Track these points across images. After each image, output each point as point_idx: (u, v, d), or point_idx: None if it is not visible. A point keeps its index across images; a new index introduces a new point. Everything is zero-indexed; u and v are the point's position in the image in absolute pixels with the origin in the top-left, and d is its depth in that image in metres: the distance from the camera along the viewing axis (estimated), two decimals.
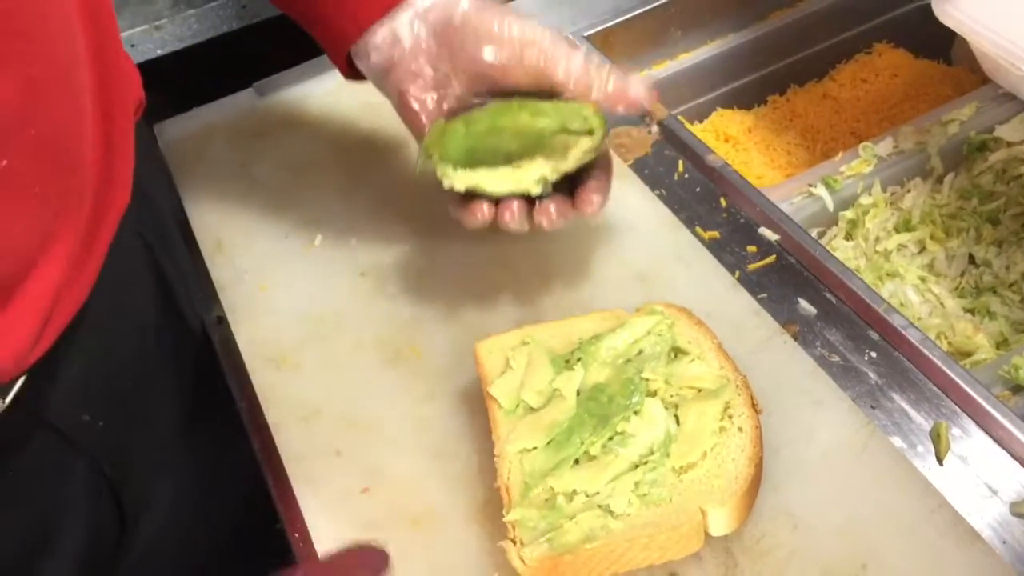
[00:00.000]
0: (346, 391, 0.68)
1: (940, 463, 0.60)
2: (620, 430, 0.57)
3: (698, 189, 0.80)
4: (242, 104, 0.93)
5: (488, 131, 0.63)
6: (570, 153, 0.62)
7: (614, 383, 0.59)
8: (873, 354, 0.66)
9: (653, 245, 0.75)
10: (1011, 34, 0.80)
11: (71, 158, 0.55)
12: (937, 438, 0.61)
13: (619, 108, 0.63)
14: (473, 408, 0.65)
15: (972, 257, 0.89)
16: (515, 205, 0.63)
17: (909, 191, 0.91)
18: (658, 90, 1.00)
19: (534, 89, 0.64)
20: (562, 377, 0.60)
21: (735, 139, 1.05)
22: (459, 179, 0.62)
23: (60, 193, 0.54)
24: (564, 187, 0.64)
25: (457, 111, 0.65)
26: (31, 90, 0.49)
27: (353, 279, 0.76)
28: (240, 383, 0.71)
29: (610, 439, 0.57)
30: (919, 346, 0.65)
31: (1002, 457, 0.60)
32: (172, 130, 0.92)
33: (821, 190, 0.88)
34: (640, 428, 0.57)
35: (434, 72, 0.65)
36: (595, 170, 0.64)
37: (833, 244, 0.89)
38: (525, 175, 0.62)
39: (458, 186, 0.62)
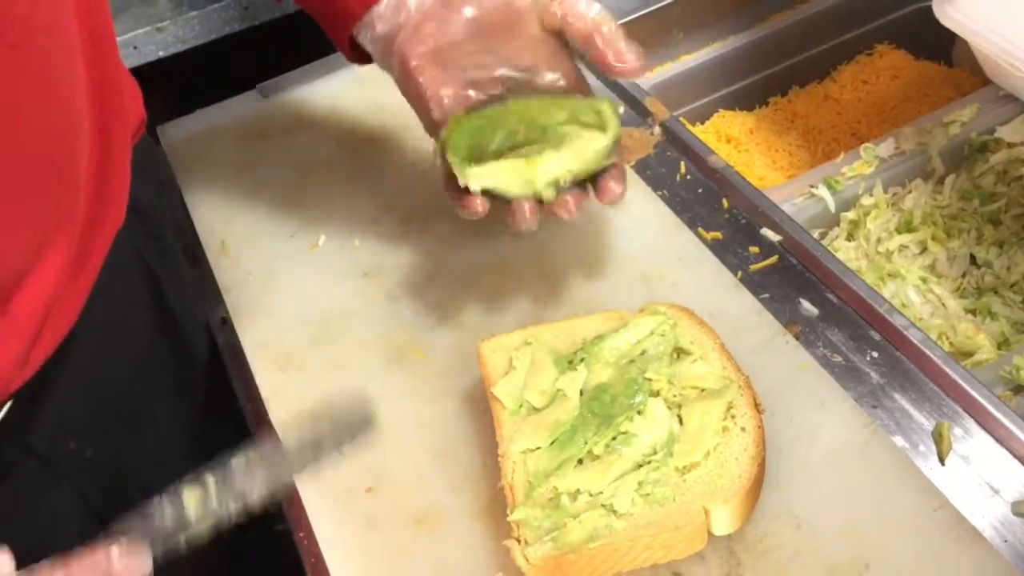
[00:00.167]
0: (350, 391, 0.69)
1: (942, 463, 0.60)
2: (623, 430, 0.57)
3: (700, 190, 0.80)
4: (246, 106, 0.94)
5: (499, 120, 0.62)
6: (584, 153, 0.61)
7: (617, 383, 0.59)
8: (875, 354, 0.67)
9: (656, 246, 0.75)
10: (1012, 36, 0.80)
11: (63, 173, 0.54)
12: (939, 438, 0.61)
13: (608, 59, 0.61)
14: (477, 408, 0.65)
15: (973, 258, 0.89)
16: (527, 207, 0.62)
17: (910, 192, 0.92)
18: (660, 92, 1.01)
19: (540, 45, 0.63)
20: (565, 377, 0.60)
21: (737, 140, 1.05)
22: (474, 177, 0.61)
23: (51, 208, 0.53)
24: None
25: (465, 85, 0.64)
26: (23, 104, 0.48)
27: (357, 280, 0.76)
28: (245, 383, 0.71)
29: (613, 439, 0.57)
30: (921, 346, 0.66)
31: (1004, 457, 0.60)
32: (175, 132, 0.92)
33: (823, 191, 0.89)
34: (643, 428, 0.57)
35: (440, 41, 0.63)
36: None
37: (835, 245, 0.90)
38: (537, 173, 0.61)
39: (473, 185, 0.61)
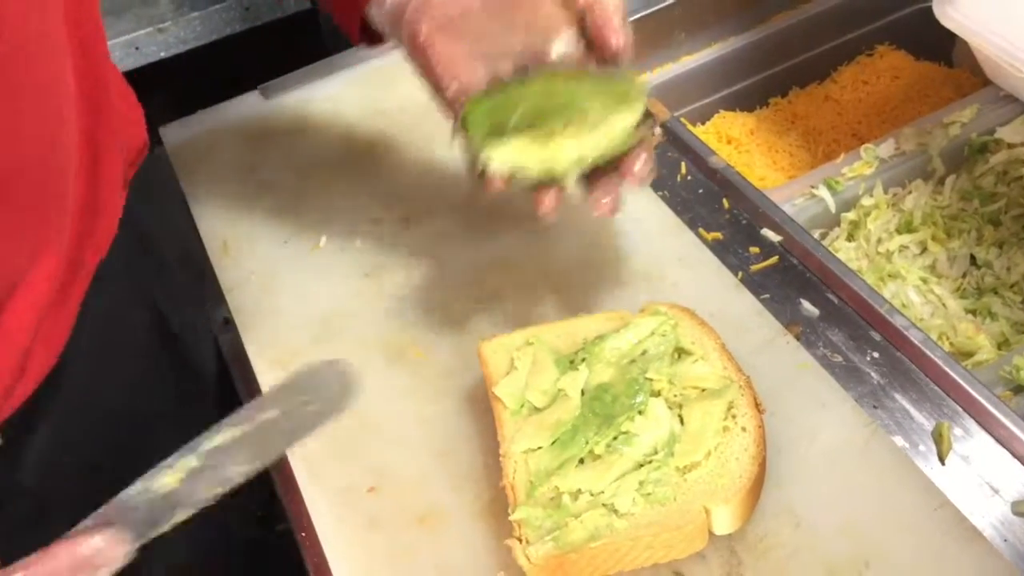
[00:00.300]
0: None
1: (942, 462, 0.61)
2: (624, 430, 0.57)
3: (701, 191, 0.80)
4: (247, 106, 0.94)
5: (519, 97, 0.59)
6: (610, 131, 0.57)
7: (618, 383, 0.59)
8: (875, 354, 0.67)
9: (656, 247, 0.75)
10: (1012, 36, 0.80)
11: (50, 183, 0.53)
12: (939, 438, 0.61)
13: (597, 33, 0.59)
14: (478, 408, 0.66)
15: (973, 258, 0.89)
16: (550, 196, 0.59)
17: (911, 192, 0.92)
18: (661, 92, 1.02)
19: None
20: (567, 377, 0.61)
21: (737, 141, 1.05)
22: (494, 158, 0.57)
23: (39, 219, 0.52)
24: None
25: (478, 58, 0.61)
26: (8, 111, 0.48)
27: (358, 280, 0.77)
28: (247, 383, 0.71)
29: (614, 439, 0.57)
30: (921, 346, 0.66)
31: (1004, 457, 0.61)
32: (177, 133, 0.92)
33: (823, 191, 0.89)
34: (644, 428, 0.57)
35: (450, 12, 0.61)
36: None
37: (835, 245, 0.90)
38: (560, 152, 0.58)
39: (493, 166, 0.58)
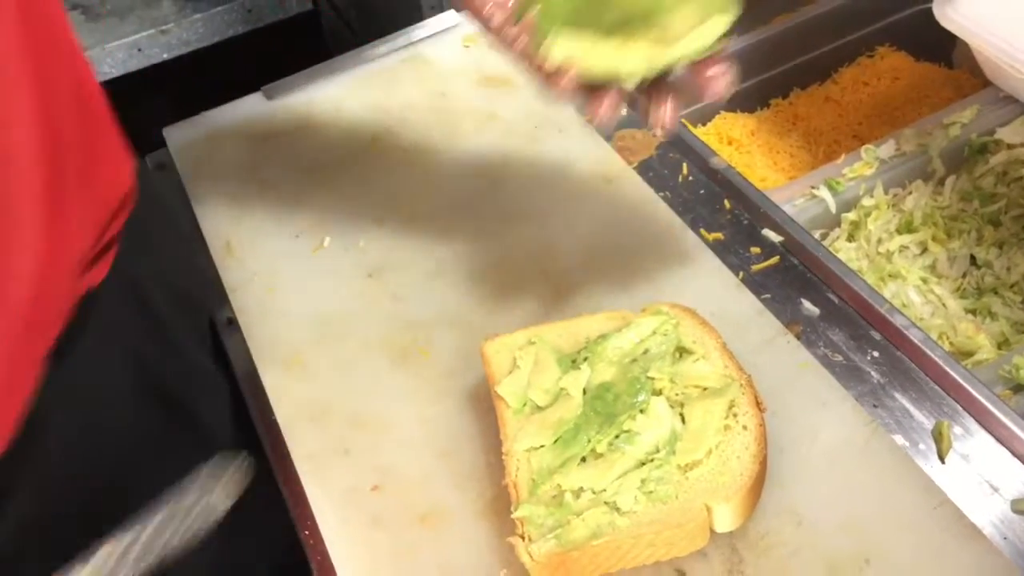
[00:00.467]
0: (355, 391, 0.69)
1: (942, 461, 0.61)
2: (626, 428, 0.58)
3: (702, 191, 0.80)
4: (251, 107, 0.94)
5: None
6: (691, 39, 0.52)
7: (620, 382, 0.60)
8: (875, 354, 0.67)
9: (658, 247, 0.75)
10: (1011, 37, 0.81)
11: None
12: (939, 436, 0.62)
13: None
14: (481, 407, 0.66)
15: (973, 258, 0.89)
16: (610, 98, 0.54)
17: (911, 193, 0.92)
18: None
19: None
20: (569, 376, 0.61)
21: (738, 142, 1.06)
22: (558, 46, 0.53)
23: None
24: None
25: None
26: None
27: (361, 280, 0.77)
28: (249, 382, 0.72)
29: (616, 437, 0.57)
30: (921, 346, 0.66)
31: (1003, 455, 0.61)
32: (180, 134, 0.93)
33: (824, 192, 0.89)
34: (646, 426, 0.58)
35: None
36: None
37: (836, 245, 0.90)
38: (632, 54, 0.53)
39: (555, 55, 0.53)
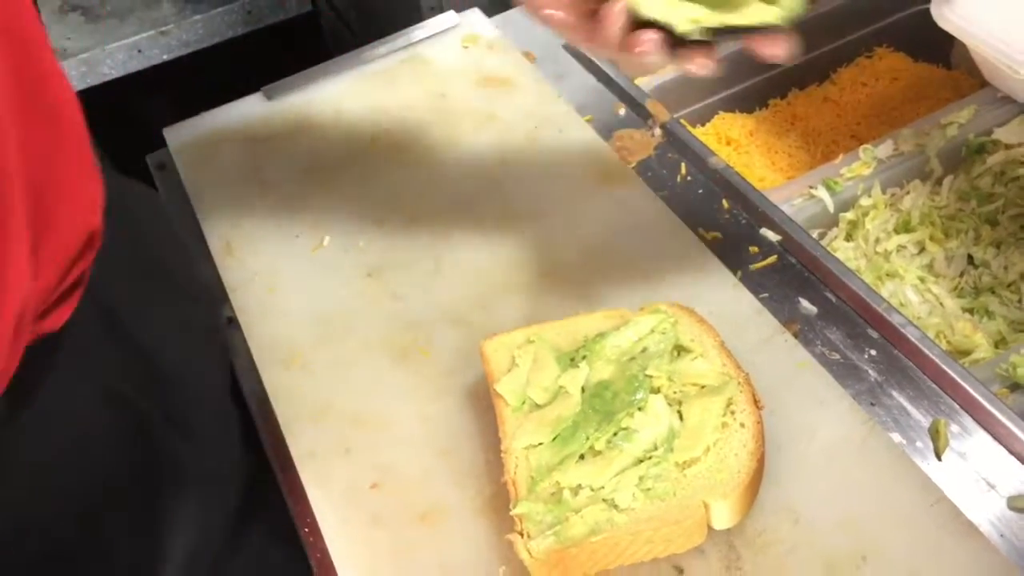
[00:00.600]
0: (355, 390, 0.70)
1: (939, 459, 0.61)
2: (624, 426, 0.58)
3: (700, 191, 0.81)
4: (250, 108, 0.95)
5: None
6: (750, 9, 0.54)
7: (618, 380, 0.60)
8: (873, 352, 0.67)
9: (657, 246, 0.76)
10: (1009, 38, 0.81)
11: None
12: (936, 434, 0.62)
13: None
14: (480, 405, 0.66)
15: (971, 258, 0.90)
16: (654, 36, 0.53)
17: (908, 193, 0.92)
18: (661, 94, 1.02)
19: None
20: (567, 374, 0.61)
21: (737, 142, 1.06)
22: (644, 5, 0.54)
23: None
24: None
25: None
26: None
27: (361, 280, 0.77)
28: (250, 382, 0.72)
29: (615, 435, 0.58)
30: (918, 344, 0.66)
31: (1000, 453, 0.61)
32: (180, 134, 0.93)
33: (822, 192, 0.90)
34: (644, 424, 0.58)
35: None
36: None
37: (833, 245, 0.90)
38: (708, 16, 0.54)
39: (642, 12, 0.53)
